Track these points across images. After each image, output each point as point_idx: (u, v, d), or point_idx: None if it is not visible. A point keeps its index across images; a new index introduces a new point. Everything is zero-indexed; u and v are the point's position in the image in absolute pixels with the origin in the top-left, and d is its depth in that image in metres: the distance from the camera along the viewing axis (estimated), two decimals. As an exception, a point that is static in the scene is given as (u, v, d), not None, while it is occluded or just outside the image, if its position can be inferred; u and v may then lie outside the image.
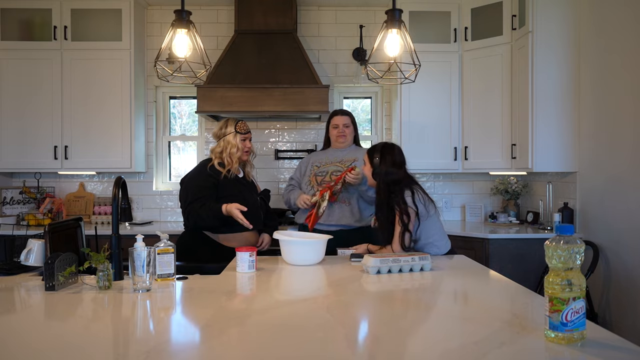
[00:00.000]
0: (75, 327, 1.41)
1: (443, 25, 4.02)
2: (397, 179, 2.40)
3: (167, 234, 2.00)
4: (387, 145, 2.48)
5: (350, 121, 3.03)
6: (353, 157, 2.98)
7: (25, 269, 2.11)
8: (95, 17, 3.97)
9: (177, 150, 4.57)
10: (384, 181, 2.40)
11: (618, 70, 3.08)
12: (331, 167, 2.96)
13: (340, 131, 2.98)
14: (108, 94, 3.98)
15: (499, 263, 3.41)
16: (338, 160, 2.99)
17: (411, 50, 2.33)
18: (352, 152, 3.03)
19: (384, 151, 2.44)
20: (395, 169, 2.41)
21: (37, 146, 3.95)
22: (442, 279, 2.02)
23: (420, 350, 1.23)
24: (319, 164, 3.00)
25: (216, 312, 1.55)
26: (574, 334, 1.21)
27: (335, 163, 2.97)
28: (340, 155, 3.01)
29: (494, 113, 3.85)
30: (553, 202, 3.74)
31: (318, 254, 2.31)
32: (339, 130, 2.99)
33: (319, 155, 3.07)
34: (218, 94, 3.75)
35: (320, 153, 3.10)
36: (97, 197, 4.30)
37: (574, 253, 1.22)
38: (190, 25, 2.28)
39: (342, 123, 3.00)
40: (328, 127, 3.07)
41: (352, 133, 3.03)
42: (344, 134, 2.99)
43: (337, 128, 3.00)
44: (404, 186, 2.38)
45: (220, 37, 4.31)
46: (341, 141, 2.99)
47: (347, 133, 3.00)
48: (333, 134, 3.02)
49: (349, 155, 3.00)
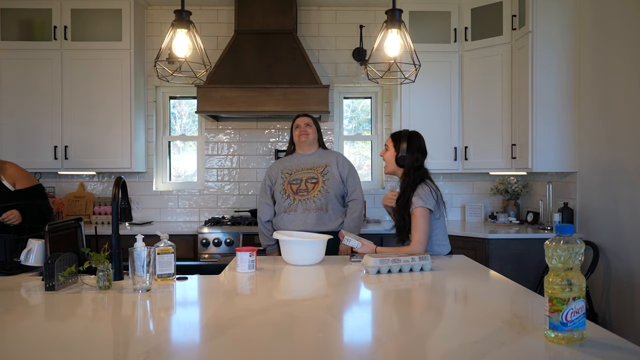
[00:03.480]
0: (75, 327, 1.41)
1: (443, 25, 4.02)
2: (421, 165, 2.42)
3: (167, 234, 2.00)
4: (414, 132, 2.50)
5: (312, 121, 3.01)
6: (325, 162, 2.94)
7: (25, 269, 2.11)
8: (95, 17, 3.97)
9: (177, 150, 4.57)
10: (413, 166, 2.40)
11: (618, 70, 3.08)
12: (304, 174, 2.92)
13: (302, 130, 2.96)
14: (108, 94, 3.99)
15: (499, 263, 3.41)
16: (309, 166, 2.94)
17: (411, 50, 2.32)
18: (323, 156, 2.98)
19: (412, 136, 2.45)
20: (420, 156, 2.44)
21: (37, 146, 3.95)
22: (442, 279, 2.02)
23: (421, 350, 1.23)
24: (290, 171, 2.95)
25: (216, 312, 1.55)
26: (574, 334, 1.21)
27: (307, 170, 2.93)
28: (310, 161, 2.96)
29: (494, 113, 3.85)
30: (553, 202, 3.74)
31: (318, 254, 2.31)
32: (300, 129, 2.97)
33: (286, 162, 3.00)
34: (218, 94, 3.75)
35: (287, 159, 3.02)
36: (97, 197, 4.30)
37: (574, 253, 1.22)
38: (190, 25, 2.28)
39: (303, 123, 2.97)
40: (292, 132, 3.05)
41: (314, 133, 2.99)
42: (306, 132, 2.94)
43: (299, 128, 2.98)
44: (424, 176, 2.40)
45: (220, 37, 4.31)
46: (303, 139, 2.95)
47: (309, 132, 2.95)
48: (295, 134, 2.99)
49: (320, 160, 2.95)
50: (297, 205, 2.87)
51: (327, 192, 2.87)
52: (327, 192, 2.87)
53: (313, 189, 2.88)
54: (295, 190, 2.89)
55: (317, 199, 2.86)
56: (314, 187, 2.88)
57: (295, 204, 2.87)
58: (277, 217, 2.95)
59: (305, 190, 2.88)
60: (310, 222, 2.85)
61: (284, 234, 2.44)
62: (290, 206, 2.88)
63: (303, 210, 2.86)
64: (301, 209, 2.86)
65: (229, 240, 3.65)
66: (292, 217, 2.87)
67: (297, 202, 2.87)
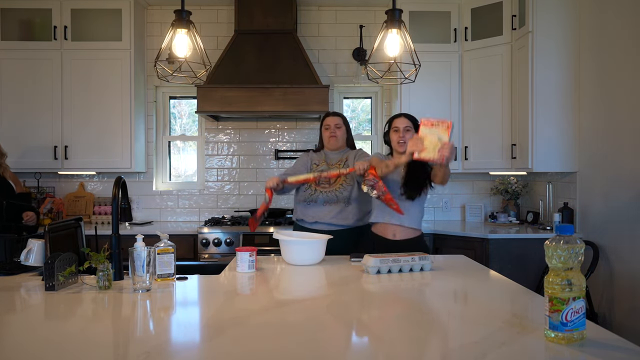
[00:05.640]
0: (75, 327, 1.41)
1: (443, 25, 4.02)
2: None
3: (167, 234, 2.00)
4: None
5: (342, 122, 3.01)
6: (346, 156, 2.95)
7: (25, 269, 2.11)
8: (95, 17, 3.97)
9: (177, 150, 4.57)
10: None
11: (618, 70, 3.08)
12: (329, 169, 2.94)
13: (332, 132, 2.97)
14: (108, 94, 3.99)
15: (499, 263, 3.41)
16: (334, 162, 2.96)
17: (411, 50, 2.33)
18: (346, 152, 3.00)
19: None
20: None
21: (37, 146, 3.95)
22: (442, 279, 2.02)
23: (420, 350, 1.23)
24: (317, 162, 3.00)
25: (216, 312, 1.55)
26: (574, 334, 1.21)
27: (331, 165, 2.95)
28: (336, 157, 2.99)
29: (494, 113, 3.85)
30: (553, 202, 3.74)
31: (318, 254, 2.31)
32: (330, 130, 2.98)
33: (315, 156, 3.05)
34: (218, 94, 3.75)
35: (316, 155, 3.07)
36: (97, 197, 4.30)
37: (574, 253, 1.22)
38: (190, 25, 2.28)
39: (333, 124, 2.99)
40: (321, 129, 3.07)
41: (344, 134, 3.01)
42: (335, 135, 2.96)
43: (328, 129, 2.99)
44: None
45: (220, 37, 4.31)
46: (332, 142, 2.97)
47: (338, 134, 2.97)
48: (325, 135, 3.01)
49: (342, 156, 2.97)
50: (317, 197, 2.86)
51: (350, 185, 2.85)
52: (349, 185, 2.85)
53: (335, 182, 2.88)
54: (318, 182, 2.89)
55: (339, 192, 2.85)
56: (336, 180, 2.87)
57: (317, 195, 2.86)
58: (297, 206, 2.95)
59: (328, 182, 2.88)
60: (330, 214, 2.83)
61: (284, 234, 2.44)
62: (311, 196, 2.87)
63: (324, 203, 2.85)
64: (322, 201, 2.85)
65: (229, 240, 3.65)
66: (311, 207, 2.86)
67: (318, 193, 2.87)
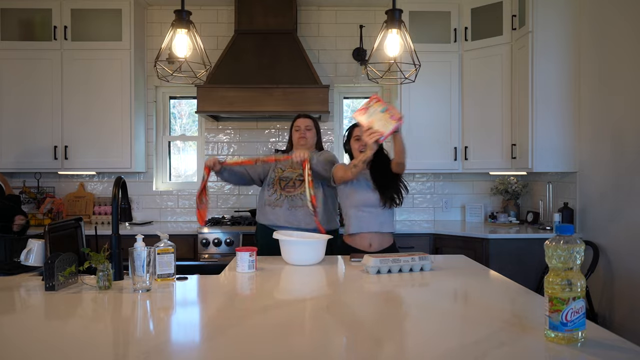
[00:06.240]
0: (75, 327, 1.41)
1: (443, 25, 4.02)
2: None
3: (167, 234, 2.00)
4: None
5: (312, 124, 3.01)
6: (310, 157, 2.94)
7: (25, 269, 2.11)
8: (95, 17, 3.97)
9: (177, 150, 4.57)
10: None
11: (618, 70, 3.08)
12: (294, 174, 2.93)
13: (302, 133, 2.96)
14: (108, 94, 3.98)
15: (499, 263, 3.40)
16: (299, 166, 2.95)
17: (411, 50, 2.33)
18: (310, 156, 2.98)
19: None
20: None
21: (37, 146, 3.95)
22: (442, 279, 2.02)
23: (420, 350, 1.23)
24: (283, 167, 2.97)
25: (216, 312, 1.55)
26: (574, 334, 1.22)
27: (297, 169, 2.92)
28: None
29: (494, 113, 3.85)
30: (553, 202, 3.74)
31: (318, 254, 2.31)
32: (300, 132, 2.97)
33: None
34: (218, 94, 3.75)
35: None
36: (97, 197, 4.30)
37: (574, 253, 1.22)
38: (190, 25, 2.28)
39: (304, 125, 2.98)
40: (291, 130, 3.06)
41: (313, 137, 3.00)
42: (305, 136, 2.96)
43: (298, 130, 2.98)
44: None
45: (220, 37, 4.31)
46: (302, 143, 2.96)
47: (307, 136, 2.97)
48: (295, 136, 3.00)
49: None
50: (283, 201, 2.86)
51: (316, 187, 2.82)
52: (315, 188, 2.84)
53: (301, 186, 2.87)
54: (283, 187, 2.90)
55: (304, 195, 2.84)
56: (301, 184, 2.87)
57: (282, 199, 2.87)
58: (261, 210, 2.95)
59: (293, 186, 2.88)
60: (295, 219, 2.84)
61: (284, 234, 2.44)
62: (276, 201, 2.88)
63: (289, 207, 2.85)
64: (287, 205, 2.86)
65: (229, 240, 3.65)
66: (276, 212, 2.86)
67: (284, 198, 2.87)
